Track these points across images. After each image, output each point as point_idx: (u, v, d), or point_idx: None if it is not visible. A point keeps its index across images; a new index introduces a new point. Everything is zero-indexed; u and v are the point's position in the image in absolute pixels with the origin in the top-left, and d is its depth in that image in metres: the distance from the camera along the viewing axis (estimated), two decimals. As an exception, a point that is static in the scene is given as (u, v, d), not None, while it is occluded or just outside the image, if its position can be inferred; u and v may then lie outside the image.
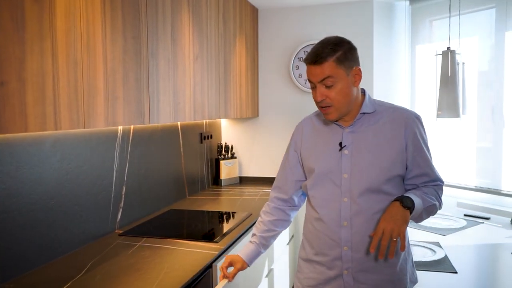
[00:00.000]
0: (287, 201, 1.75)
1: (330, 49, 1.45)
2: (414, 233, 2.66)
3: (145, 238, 2.20)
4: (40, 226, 1.81)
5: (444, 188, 3.66)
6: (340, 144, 1.56)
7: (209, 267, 1.92)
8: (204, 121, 3.48)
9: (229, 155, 3.81)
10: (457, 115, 2.33)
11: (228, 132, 3.94)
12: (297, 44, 3.69)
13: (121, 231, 2.32)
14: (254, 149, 3.91)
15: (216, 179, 3.72)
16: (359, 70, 1.51)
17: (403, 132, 1.53)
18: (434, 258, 2.19)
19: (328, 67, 1.45)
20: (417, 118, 1.58)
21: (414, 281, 1.66)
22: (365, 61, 3.53)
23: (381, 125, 1.54)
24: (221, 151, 3.76)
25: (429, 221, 2.87)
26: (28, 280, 1.68)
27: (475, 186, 3.35)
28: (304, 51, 3.66)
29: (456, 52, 2.39)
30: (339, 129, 1.59)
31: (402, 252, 1.50)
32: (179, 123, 3.06)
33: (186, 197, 3.19)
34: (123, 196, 2.41)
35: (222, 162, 3.70)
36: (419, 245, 2.40)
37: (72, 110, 1.49)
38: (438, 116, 2.42)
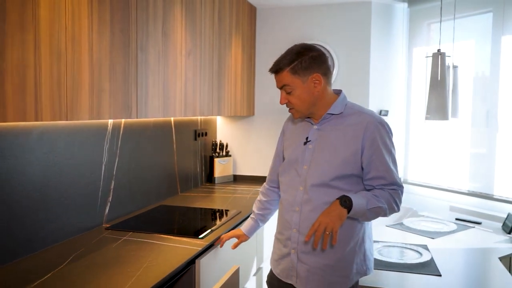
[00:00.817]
0: (276, 182, 1.95)
1: (287, 59, 1.63)
2: (402, 235, 2.65)
3: (131, 233, 2.20)
4: (24, 218, 1.82)
5: (437, 191, 3.64)
6: (307, 138, 1.74)
7: (192, 262, 1.92)
8: (198, 118, 3.49)
9: (224, 153, 3.81)
10: (445, 118, 2.32)
11: (224, 130, 3.94)
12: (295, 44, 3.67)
13: (108, 225, 2.32)
14: (249, 147, 3.91)
15: (210, 177, 3.72)
16: (319, 76, 1.64)
17: (362, 135, 1.64)
18: (419, 261, 2.19)
19: (284, 76, 1.64)
20: (381, 123, 1.67)
21: (363, 273, 1.76)
22: (361, 62, 3.52)
23: (345, 127, 1.68)
24: (216, 148, 3.76)
25: (419, 224, 2.87)
26: (8, 270, 1.68)
27: (468, 191, 3.33)
28: (301, 51, 3.66)
29: (447, 55, 2.38)
30: (310, 126, 1.76)
31: (334, 244, 1.59)
32: (172, 119, 3.06)
33: (178, 193, 3.19)
34: (111, 190, 2.41)
35: (216, 159, 3.70)
36: (406, 247, 2.39)
37: (54, 101, 1.49)
38: (426, 118, 2.41)
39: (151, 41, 2.11)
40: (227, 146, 3.84)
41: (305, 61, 1.63)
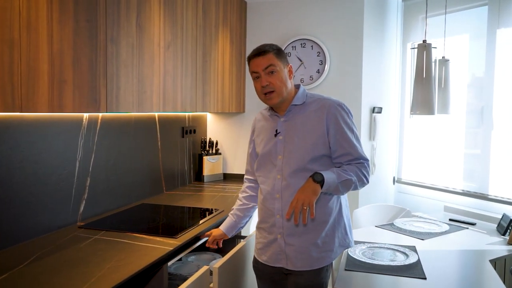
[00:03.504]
0: (255, 181, 2.07)
1: (269, 46, 1.83)
2: (391, 236, 2.55)
3: (103, 231, 2.12)
4: (-15, 214, 1.75)
5: (431, 191, 3.55)
6: (276, 131, 1.88)
7: (163, 263, 1.83)
8: (186, 114, 3.40)
9: (213, 151, 3.72)
10: (431, 113, 2.21)
11: (214, 127, 3.85)
12: (286, 38, 3.58)
13: (82, 223, 2.24)
14: (240, 145, 3.81)
15: (199, 175, 3.63)
16: (291, 67, 1.89)
17: (325, 118, 1.80)
18: (405, 263, 2.08)
19: (270, 57, 1.80)
20: (339, 105, 1.84)
21: (346, 245, 1.91)
22: (354, 56, 3.41)
23: (308, 114, 1.84)
24: (205, 146, 3.67)
25: (411, 225, 2.77)
26: (-35, 270, 1.61)
27: (462, 190, 3.22)
28: (292, 46, 3.56)
29: (433, 46, 2.27)
30: (277, 119, 1.91)
31: (312, 218, 1.73)
32: (156, 115, 2.98)
33: (163, 192, 3.11)
34: (87, 187, 2.33)
35: (205, 157, 3.62)
36: (392, 249, 2.29)
37: (5, 92, 1.41)
38: (411, 114, 2.30)
39: (123, 32, 2.02)
40: (217, 144, 3.76)
41: (282, 52, 1.87)
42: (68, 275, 1.59)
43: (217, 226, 2.46)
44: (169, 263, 1.97)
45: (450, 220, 2.91)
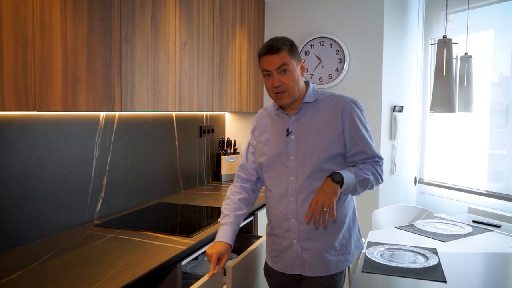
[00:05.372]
0: (249, 180, 1.92)
1: (282, 42, 1.70)
2: (412, 238, 2.48)
3: (119, 230, 2.13)
4: (3, 212, 1.77)
5: (454, 192, 3.43)
6: (287, 130, 1.77)
7: (174, 265, 1.82)
8: (204, 114, 3.40)
9: (231, 150, 3.71)
10: (452, 110, 2.13)
11: (232, 127, 3.84)
12: (304, 36, 3.54)
13: (99, 222, 2.26)
14: (258, 145, 3.78)
15: (217, 175, 3.63)
16: (304, 63, 1.78)
17: (340, 115, 1.72)
18: (425, 265, 2.02)
19: (283, 56, 1.68)
20: (353, 102, 1.76)
21: (360, 247, 1.86)
22: (374, 54, 3.34)
23: (321, 112, 1.75)
24: (223, 146, 3.67)
25: (433, 226, 2.68)
26: (-18, 266, 1.63)
27: (487, 191, 3.11)
28: (311, 45, 3.52)
29: (453, 42, 2.19)
30: (287, 117, 1.80)
31: (333, 220, 1.62)
32: (173, 114, 2.98)
33: (180, 191, 3.11)
34: (104, 186, 2.35)
35: (223, 157, 3.61)
36: (412, 250, 2.22)
37: (19, 90, 1.42)
38: (431, 112, 2.23)
39: (137, 31, 2.02)
40: (235, 143, 3.74)
41: (295, 47, 1.74)
42: (80, 272, 1.59)
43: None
44: (185, 262, 1.96)
45: (474, 222, 2.81)
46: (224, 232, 1.75)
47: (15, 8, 1.40)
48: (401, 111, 3.48)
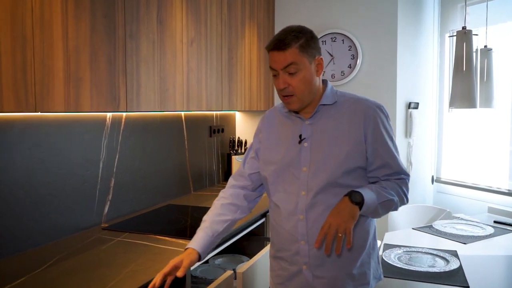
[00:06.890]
0: (244, 187, 1.66)
1: (293, 36, 1.41)
2: (430, 240, 2.38)
3: (126, 233, 2.07)
4: (5, 217, 1.72)
5: (473, 191, 3.29)
6: (300, 136, 1.50)
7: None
8: (214, 113, 3.33)
9: (242, 150, 3.64)
10: (472, 106, 2.02)
11: (242, 126, 3.77)
12: (316, 33, 3.42)
13: (106, 225, 2.21)
14: (269, 144, 3.70)
15: (227, 175, 3.56)
16: (321, 59, 1.48)
17: (362, 123, 1.47)
18: (445, 269, 1.92)
19: (292, 53, 1.40)
20: (379, 107, 1.51)
21: (378, 277, 1.60)
22: (388, 49, 3.24)
23: (341, 117, 1.49)
24: (234, 145, 3.60)
25: (452, 227, 2.58)
26: (-16, 273, 1.58)
27: (508, 190, 2.99)
28: (323, 41, 3.43)
29: (474, 33, 2.08)
30: (300, 121, 1.53)
31: (348, 248, 1.40)
32: (182, 114, 2.92)
33: (190, 192, 3.05)
34: (111, 188, 2.29)
35: (234, 157, 3.54)
36: (431, 253, 2.12)
37: (18, 91, 1.37)
38: (450, 108, 2.12)
39: (142, 28, 1.96)
40: (246, 143, 3.67)
41: (311, 41, 1.45)
42: (86, 277, 1.54)
43: (247, 226, 2.36)
44: (195, 266, 1.89)
45: (495, 222, 2.70)
46: (194, 237, 1.53)
47: (12, 4, 1.34)
48: (416, 107, 3.37)
